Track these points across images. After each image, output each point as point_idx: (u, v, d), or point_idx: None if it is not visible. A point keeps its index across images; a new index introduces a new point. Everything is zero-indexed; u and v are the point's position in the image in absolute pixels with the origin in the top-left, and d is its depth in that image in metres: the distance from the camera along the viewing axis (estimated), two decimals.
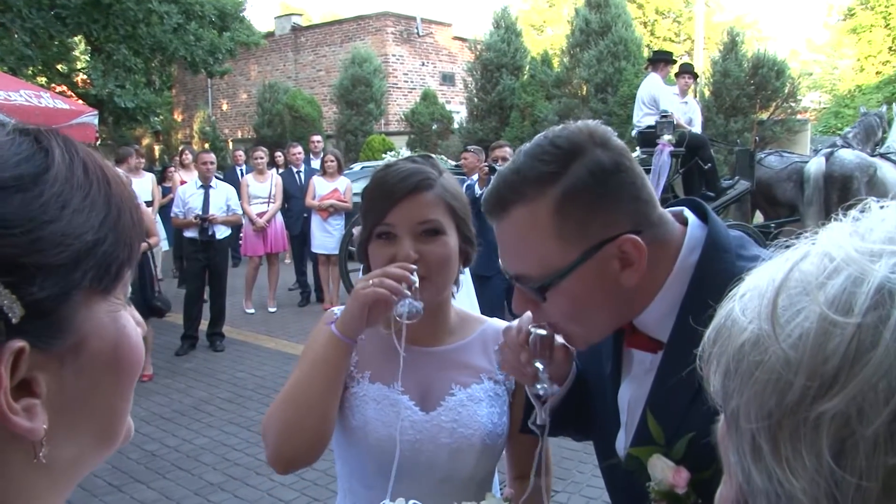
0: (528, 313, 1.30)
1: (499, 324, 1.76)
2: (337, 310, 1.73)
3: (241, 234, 10.30)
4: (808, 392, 0.49)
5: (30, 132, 0.64)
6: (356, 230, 8.63)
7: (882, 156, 10.01)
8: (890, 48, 31.01)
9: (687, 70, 10.53)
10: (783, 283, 0.54)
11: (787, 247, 0.58)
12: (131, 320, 0.69)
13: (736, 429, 0.56)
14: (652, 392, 1.24)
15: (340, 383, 1.57)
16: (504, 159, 6.92)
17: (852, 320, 0.49)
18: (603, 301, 1.18)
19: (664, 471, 1.14)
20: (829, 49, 35.68)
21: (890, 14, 30.74)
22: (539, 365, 1.31)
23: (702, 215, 1.28)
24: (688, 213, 1.28)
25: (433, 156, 1.79)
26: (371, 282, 1.49)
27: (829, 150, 9.93)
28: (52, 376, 0.60)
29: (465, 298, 1.92)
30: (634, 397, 1.30)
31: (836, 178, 9.22)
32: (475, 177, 7.88)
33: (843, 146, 10.06)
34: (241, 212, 8.90)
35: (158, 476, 5.01)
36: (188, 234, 8.25)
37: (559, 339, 1.33)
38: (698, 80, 12.06)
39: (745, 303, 0.57)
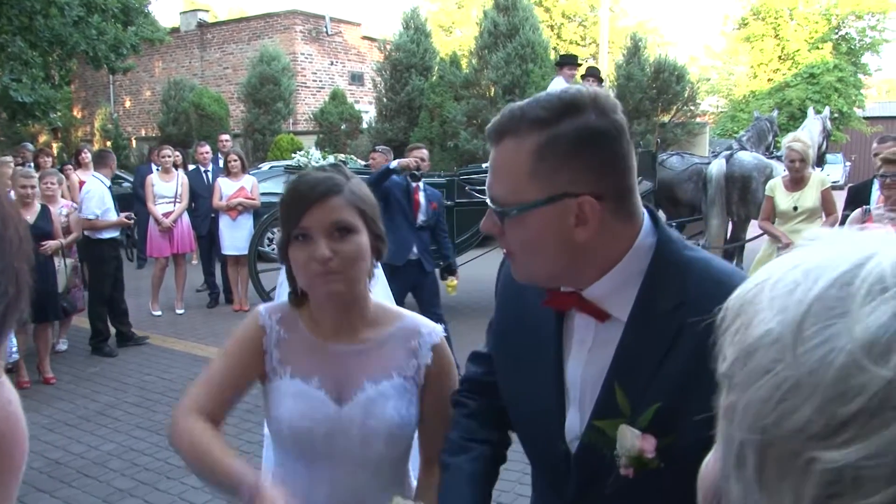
0: None
1: (418, 318, 1.90)
2: (263, 308, 1.86)
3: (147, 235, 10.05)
4: (811, 427, 0.44)
5: None
6: (276, 231, 8.62)
7: (778, 158, 10.56)
8: (780, 57, 32.51)
9: (592, 73, 10.80)
10: (825, 291, 0.46)
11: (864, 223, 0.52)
12: (14, 393, 0.50)
13: (728, 424, 0.52)
14: (614, 365, 1.31)
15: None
16: (422, 160, 7.12)
17: (885, 373, 0.43)
18: (554, 246, 1.28)
19: (632, 439, 1.22)
20: (726, 56, 37.11)
21: (779, 25, 32.26)
22: None
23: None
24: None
25: (342, 164, 1.93)
26: None
27: (728, 152, 10.44)
28: None
29: (380, 291, 2.14)
30: (588, 373, 1.36)
31: (737, 178, 9.74)
32: None
33: (739, 149, 10.59)
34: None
35: (63, 485, 4.85)
36: (105, 235, 8.02)
37: None
38: (603, 83, 12.37)
39: (778, 290, 0.50)
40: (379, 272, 1.95)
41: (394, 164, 6.96)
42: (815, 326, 0.45)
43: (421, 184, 7.17)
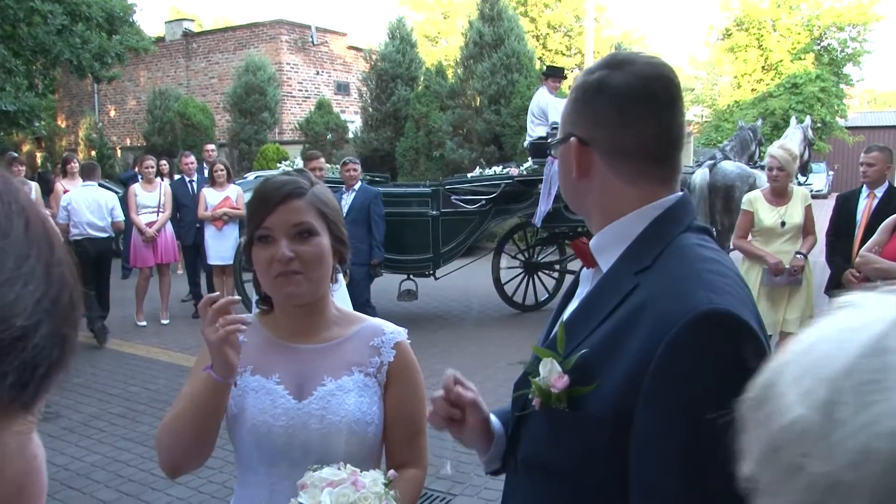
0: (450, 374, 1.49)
1: (382, 321, 1.93)
2: None
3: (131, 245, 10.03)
4: None
5: None
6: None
7: (762, 167, 10.65)
8: (763, 67, 32.75)
9: None
10: (857, 362, 0.35)
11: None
12: (41, 447, 0.52)
13: None
14: (575, 309, 1.38)
15: (218, 417, 1.70)
16: (320, 169, 7.79)
17: None
18: (566, 178, 1.40)
19: (551, 372, 1.27)
20: (710, 66, 37.42)
21: (762, 36, 32.52)
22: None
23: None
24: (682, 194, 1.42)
25: (306, 171, 1.92)
26: (217, 325, 1.61)
27: (711, 161, 10.53)
28: None
29: (341, 300, 2.17)
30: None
31: (720, 188, 9.83)
32: (357, 186, 8.10)
33: (722, 158, 10.68)
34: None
35: (47, 497, 4.80)
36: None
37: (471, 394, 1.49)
38: None
39: (802, 366, 0.38)
40: (341, 281, 1.97)
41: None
42: (850, 407, 0.34)
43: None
